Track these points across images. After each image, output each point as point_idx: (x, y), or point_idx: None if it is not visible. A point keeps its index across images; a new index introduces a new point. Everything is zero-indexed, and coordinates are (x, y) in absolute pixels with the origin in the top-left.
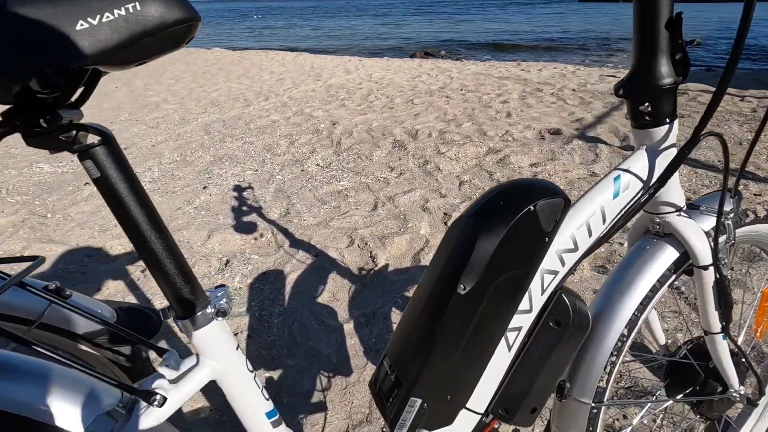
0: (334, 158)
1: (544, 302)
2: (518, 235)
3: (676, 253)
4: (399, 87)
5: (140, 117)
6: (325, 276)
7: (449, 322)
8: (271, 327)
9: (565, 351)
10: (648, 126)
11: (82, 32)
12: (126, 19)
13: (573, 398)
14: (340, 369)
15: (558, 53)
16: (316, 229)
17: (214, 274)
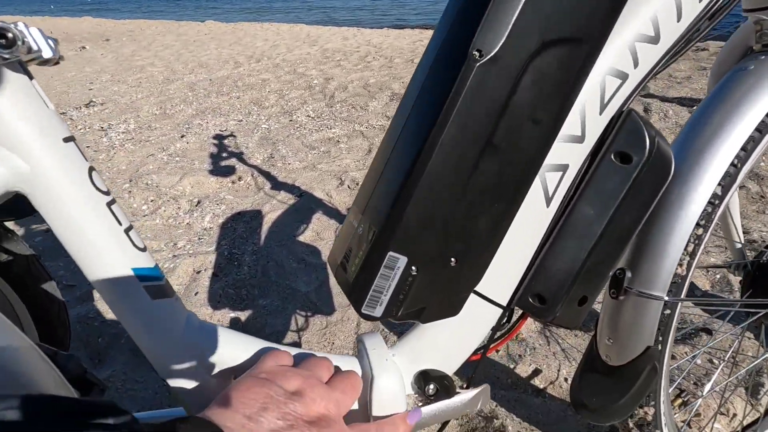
0: (326, 109)
1: (603, 127)
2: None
3: None
4: (399, 49)
5: (123, 78)
6: (309, 216)
7: (454, 116)
8: (242, 265)
9: (634, 207)
10: None
11: None
12: None
13: (637, 292)
14: (321, 308)
15: None
16: (302, 172)
17: (182, 214)
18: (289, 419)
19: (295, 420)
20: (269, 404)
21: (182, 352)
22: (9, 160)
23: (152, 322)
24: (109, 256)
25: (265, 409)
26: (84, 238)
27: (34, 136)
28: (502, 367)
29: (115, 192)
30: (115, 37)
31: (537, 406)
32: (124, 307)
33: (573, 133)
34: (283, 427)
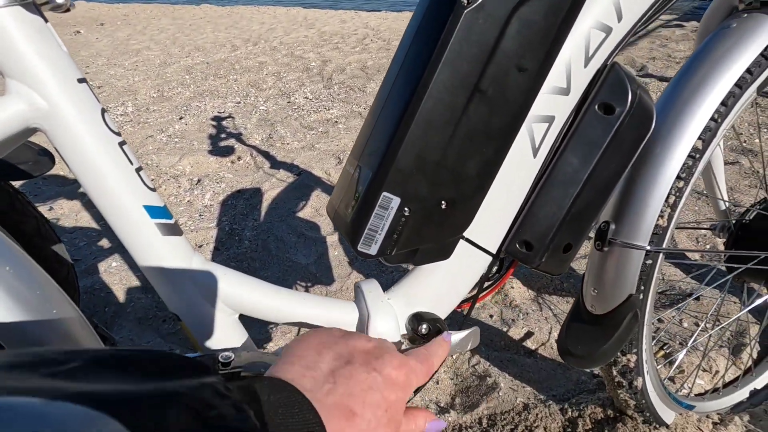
0: (324, 91)
1: (588, 80)
2: None
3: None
4: (397, 32)
5: (119, 62)
6: (308, 193)
7: (443, 63)
8: (243, 240)
9: (617, 157)
10: None
11: None
12: None
13: (620, 242)
14: (320, 278)
15: None
16: (301, 151)
17: (183, 192)
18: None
19: (349, 354)
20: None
21: (191, 287)
22: (28, 96)
23: (163, 257)
24: (123, 193)
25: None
26: (99, 174)
27: (51, 74)
28: (495, 331)
29: None
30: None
31: (528, 365)
32: (136, 242)
33: (559, 85)
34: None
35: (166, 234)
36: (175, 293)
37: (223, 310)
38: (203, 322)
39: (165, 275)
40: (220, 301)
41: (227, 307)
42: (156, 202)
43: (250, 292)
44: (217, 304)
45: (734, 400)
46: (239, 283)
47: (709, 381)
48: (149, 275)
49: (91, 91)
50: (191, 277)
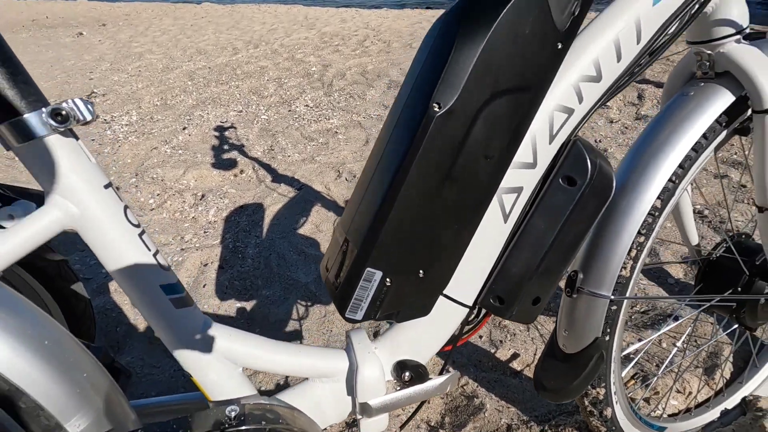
0: (325, 99)
1: (553, 155)
2: (517, 29)
3: (731, 97)
4: (397, 32)
5: (122, 66)
6: (309, 208)
7: (418, 159)
8: (246, 258)
9: (580, 222)
10: None
11: None
12: None
13: (587, 291)
14: (319, 297)
15: None
16: (302, 164)
17: (188, 208)
18: None
19: None
20: None
21: (200, 349)
22: (64, 205)
23: (177, 327)
24: (142, 277)
25: None
26: (123, 263)
27: (83, 185)
28: (484, 352)
29: (122, 186)
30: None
31: (513, 386)
32: (154, 316)
33: (526, 161)
34: None
35: (178, 307)
36: (187, 355)
37: (228, 365)
38: (212, 378)
39: (179, 342)
40: (225, 358)
41: (232, 363)
42: (170, 279)
43: (252, 348)
44: (223, 360)
45: (705, 420)
46: (242, 340)
47: (683, 401)
48: (165, 342)
49: (115, 192)
50: (200, 340)
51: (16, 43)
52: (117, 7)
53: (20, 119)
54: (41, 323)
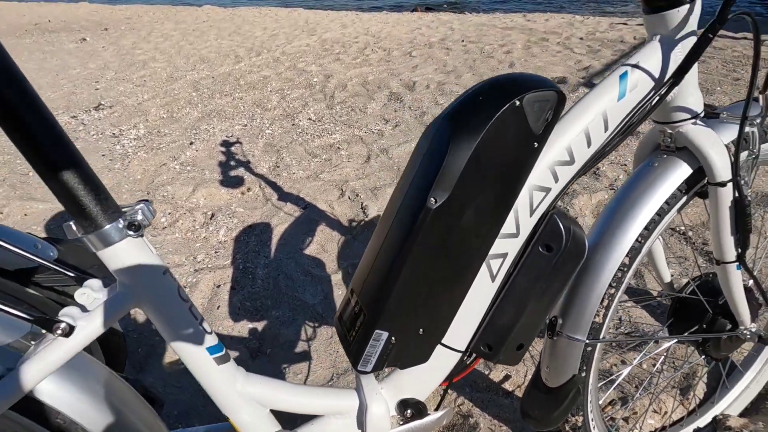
0: (327, 112)
1: (533, 225)
2: (501, 136)
3: (689, 169)
4: (397, 40)
5: (127, 76)
6: (314, 228)
7: (418, 243)
8: (256, 279)
9: (557, 281)
10: (663, 8)
11: None
12: None
13: (565, 335)
14: (326, 319)
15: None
16: (306, 182)
17: (199, 228)
18: None
19: None
20: None
21: (234, 395)
22: (133, 291)
23: (217, 380)
24: (192, 343)
25: None
26: (177, 333)
27: (147, 275)
28: (479, 373)
29: None
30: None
31: (506, 405)
32: (200, 373)
33: (510, 232)
34: None
35: (219, 363)
36: (224, 401)
37: (257, 407)
38: (245, 418)
39: (218, 391)
40: (256, 402)
41: (260, 405)
42: (213, 341)
43: (277, 392)
44: (254, 404)
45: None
46: (269, 386)
47: (659, 420)
48: (208, 392)
49: (171, 276)
50: (236, 389)
51: (21, 49)
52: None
53: (102, 231)
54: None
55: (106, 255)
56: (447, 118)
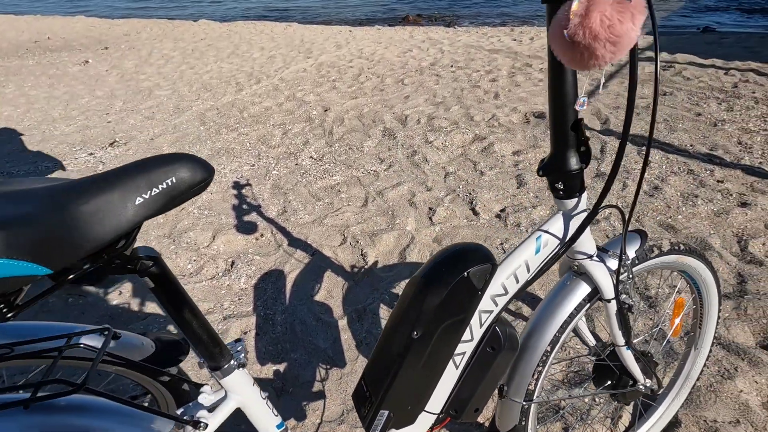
0: (327, 150)
1: (482, 333)
2: (456, 294)
3: (588, 288)
4: (390, 64)
5: (135, 106)
6: (321, 274)
7: (407, 357)
8: (275, 325)
9: (499, 368)
10: (562, 198)
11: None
12: (166, 192)
13: (509, 398)
14: (336, 361)
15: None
16: (312, 227)
17: (221, 275)
18: None
19: None
20: None
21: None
22: (240, 398)
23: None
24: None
25: None
26: (260, 420)
27: (248, 390)
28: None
29: (162, 251)
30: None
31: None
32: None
33: (467, 339)
34: None
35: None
36: None
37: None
38: None
39: None
40: None
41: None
42: (279, 420)
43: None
44: None
45: None
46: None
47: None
48: None
49: (258, 386)
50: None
51: (26, 72)
52: (116, 25)
53: (223, 369)
54: None
55: (225, 382)
56: (422, 282)
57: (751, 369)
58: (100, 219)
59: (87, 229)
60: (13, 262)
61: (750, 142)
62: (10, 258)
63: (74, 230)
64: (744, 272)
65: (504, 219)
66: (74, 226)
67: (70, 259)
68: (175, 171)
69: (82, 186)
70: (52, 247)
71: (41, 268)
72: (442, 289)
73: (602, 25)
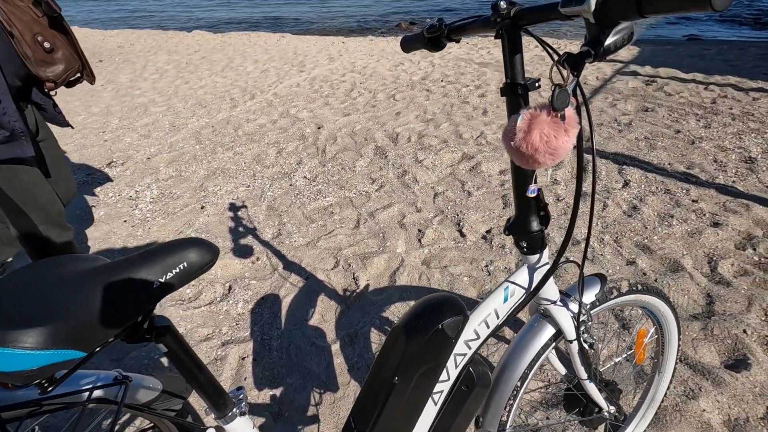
0: (320, 170)
1: (458, 373)
2: (431, 344)
3: (553, 330)
4: (382, 79)
5: (130, 123)
6: (315, 298)
7: (390, 399)
8: (272, 350)
9: (474, 403)
10: (527, 254)
11: (157, 288)
12: (179, 275)
13: (485, 428)
14: (329, 386)
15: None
16: (306, 250)
17: (219, 300)
18: None
19: None
20: None
21: None
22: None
23: None
24: None
25: None
26: None
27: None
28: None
29: None
30: (107, 56)
31: None
32: None
33: (444, 379)
34: None
35: None
36: None
37: None
38: None
39: None
40: None
41: None
42: None
43: None
44: None
45: None
46: None
47: None
48: None
49: (249, 420)
50: None
51: None
52: (109, 36)
53: (227, 417)
54: None
55: (228, 428)
56: (402, 333)
57: (714, 389)
58: (125, 304)
59: (114, 313)
60: (56, 352)
61: (725, 160)
62: (54, 349)
63: (103, 316)
64: (713, 293)
65: (490, 241)
66: (104, 312)
67: (101, 340)
68: (186, 256)
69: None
70: (86, 334)
71: (78, 353)
72: (419, 341)
73: (541, 140)
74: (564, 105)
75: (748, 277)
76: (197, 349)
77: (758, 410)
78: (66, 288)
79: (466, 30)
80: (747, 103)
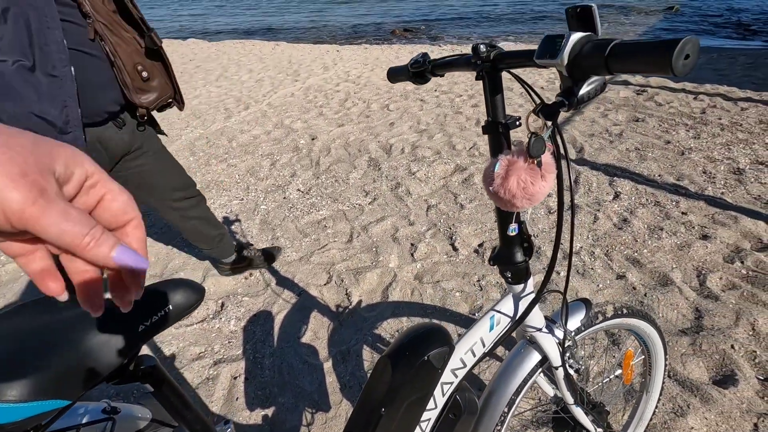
0: (314, 182)
1: (444, 401)
2: (418, 375)
3: (539, 356)
4: (376, 88)
5: None
6: (308, 315)
7: (378, 429)
8: (264, 368)
9: (461, 431)
10: (512, 284)
11: (142, 332)
12: (164, 317)
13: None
14: (321, 405)
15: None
16: (299, 265)
17: (212, 317)
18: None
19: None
20: None
21: None
22: None
23: None
24: None
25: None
26: None
27: None
28: None
29: None
30: None
31: None
32: None
33: (431, 407)
34: None
35: None
36: None
37: None
38: None
39: None
40: None
41: None
42: None
43: None
44: None
45: None
46: None
47: None
48: None
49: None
50: None
51: None
52: None
53: None
54: None
55: None
56: (389, 363)
57: (702, 406)
58: (109, 350)
59: (98, 360)
60: (41, 404)
61: (714, 171)
62: (37, 400)
63: (88, 363)
64: (701, 307)
65: (482, 255)
66: (88, 359)
67: (86, 387)
68: (171, 299)
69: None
70: (70, 383)
71: (63, 402)
72: (405, 372)
73: (518, 186)
74: (539, 152)
75: (736, 290)
76: (189, 369)
77: (745, 427)
78: (48, 337)
79: (449, 67)
80: (735, 113)
